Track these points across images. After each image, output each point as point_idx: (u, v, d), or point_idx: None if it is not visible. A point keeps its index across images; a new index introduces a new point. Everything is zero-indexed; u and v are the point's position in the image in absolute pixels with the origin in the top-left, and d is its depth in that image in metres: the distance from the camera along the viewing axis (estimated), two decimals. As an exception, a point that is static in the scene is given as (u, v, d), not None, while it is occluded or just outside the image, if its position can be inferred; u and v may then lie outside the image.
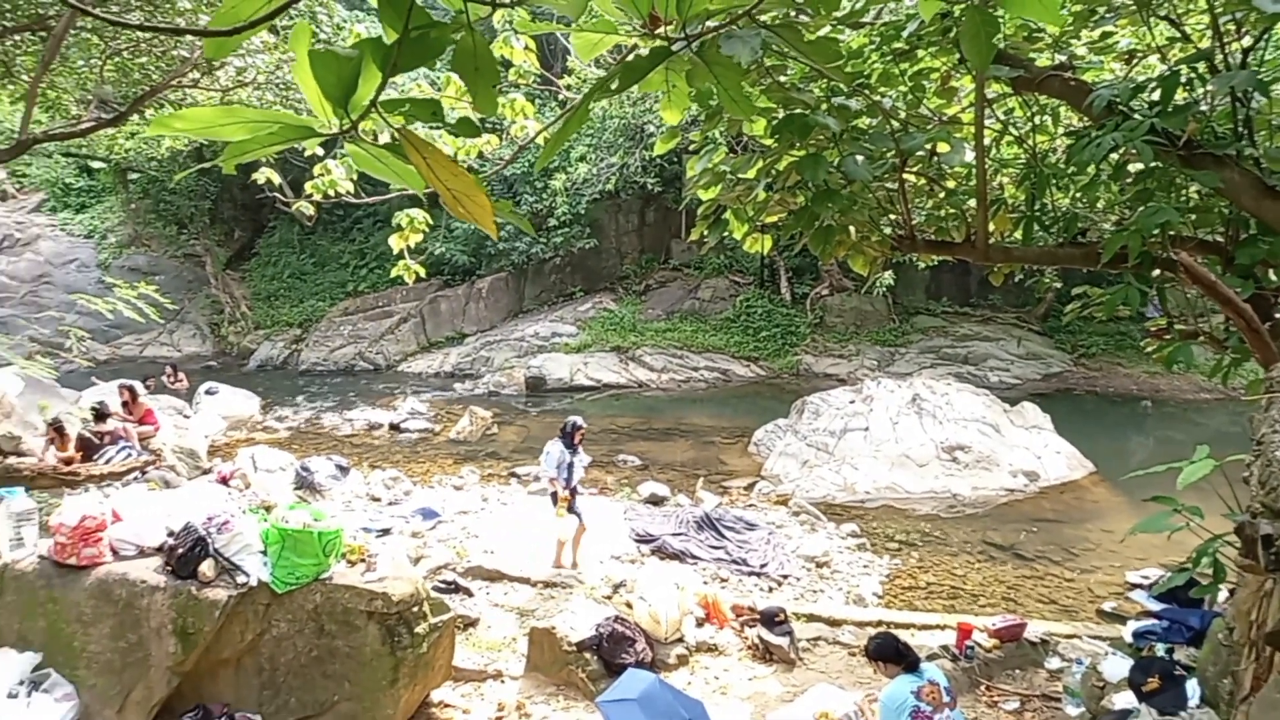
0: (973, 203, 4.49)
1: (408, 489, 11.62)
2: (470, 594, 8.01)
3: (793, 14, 2.35)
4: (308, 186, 5.52)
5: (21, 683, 4.72)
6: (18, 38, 10.51)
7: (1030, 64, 4.18)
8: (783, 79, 3.92)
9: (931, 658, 6.28)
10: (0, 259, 25.05)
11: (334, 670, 5.12)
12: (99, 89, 12.11)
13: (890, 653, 4.56)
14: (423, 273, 6.04)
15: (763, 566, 9.04)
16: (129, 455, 9.66)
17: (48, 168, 27.25)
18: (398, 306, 23.98)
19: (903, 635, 5.77)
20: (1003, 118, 4.82)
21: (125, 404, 11.20)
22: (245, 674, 5.17)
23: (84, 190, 27.79)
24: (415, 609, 5.30)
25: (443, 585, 7.93)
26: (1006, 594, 8.73)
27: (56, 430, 9.40)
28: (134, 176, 24.36)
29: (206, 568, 5.02)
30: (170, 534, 5.23)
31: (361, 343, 23.20)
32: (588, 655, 6.34)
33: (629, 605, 7.04)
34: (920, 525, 10.73)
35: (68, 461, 8.93)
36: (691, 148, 4.89)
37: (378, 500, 11.13)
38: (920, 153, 4.35)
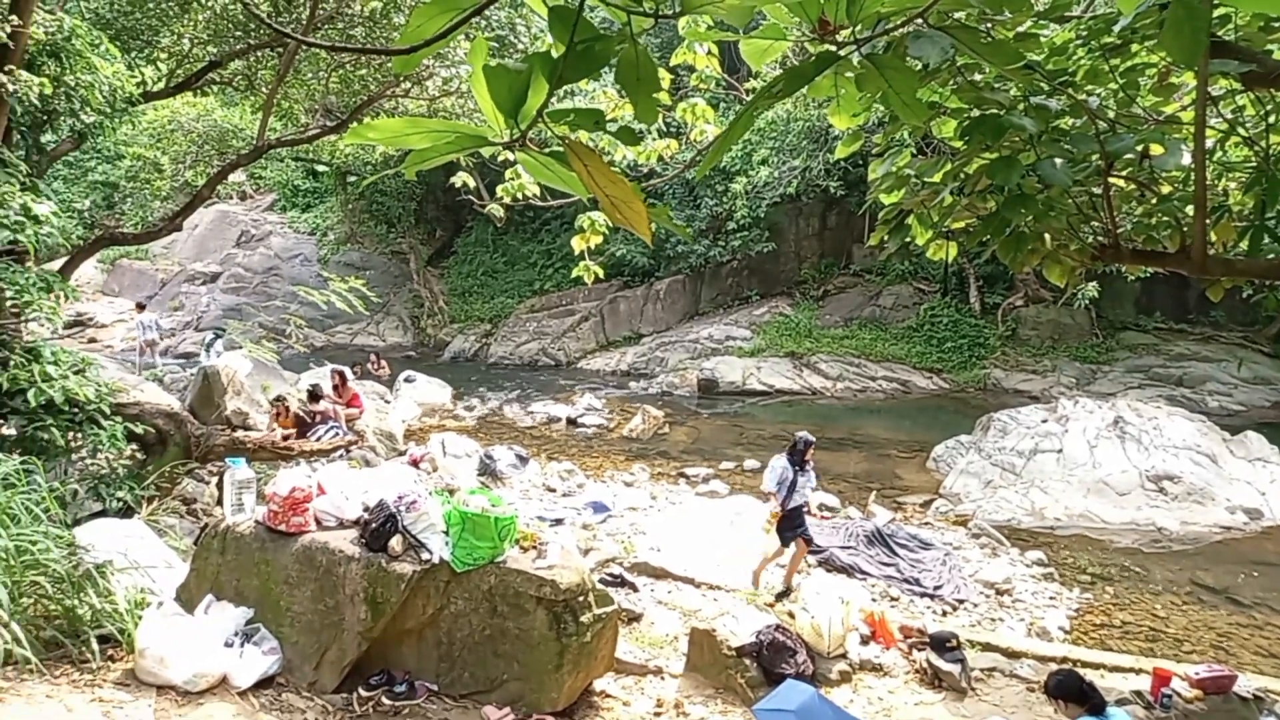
0: (1190, 209, 4.08)
1: (581, 482, 12.01)
2: (635, 589, 8.18)
3: (974, 14, 2.23)
4: (499, 189, 5.82)
5: (236, 634, 5.27)
6: (259, 53, 11.77)
7: (1265, 57, 3.75)
8: (976, 78, 3.73)
9: (1121, 702, 5.77)
10: (238, 252, 28.16)
11: (504, 650, 5.38)
12: (324, 99, 13.33)
13: (1073, 692, 4.24)
14: (602, 274, 6.21)
15: (937, 588, 8.64)
16: (336, 434, 10.55)
17: (280, 170, 30.28)
18: (579, 305, 24.79)
19: (1089, 675, 5.34)
20: (1230, 116, 4.34)
21: (336, 387, 12.25)
22: (425, 645, 5.53)
23: (309, 191, 30.71)
24: (581, 598, 5.47)
25: (609, 578, 8.15)
26: (1216, 641, 7.88)
27: (285, 406, 10.47)
28: (351, 179, 26.65)
29: (395, 543, 5.41)
30: (366, 509, 5.68)
31: (545, 339, 24.17)
32: (747, 661, 6.31)
33: (791, 615, 6.95)
34: (1118, 558, 9.88)
35: (285, 437, 9.91)
36: (875, 150, 4.74)
37: (552, 491, 11.59)
38: (1130, 155, 4.00)
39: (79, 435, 7.19)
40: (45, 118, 8.47)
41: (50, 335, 8.14)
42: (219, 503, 7.89)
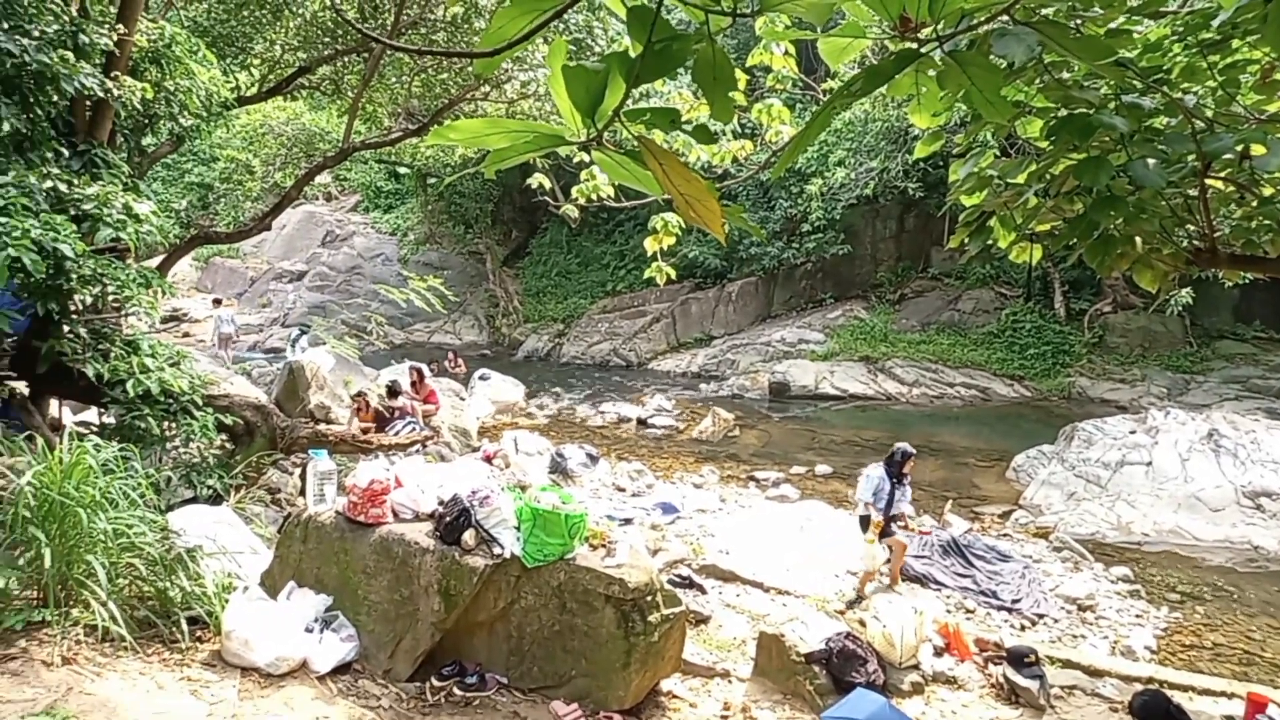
0: (1294, 212, 3.88)
1: (650, 482, 12.04)
2: (703, 591, 8.15)
3: (1062, 9, 2.16)
4: (574, 191, 5.89)
5: (316, 620, 5.45)
6: (346, 59, 12.15)
7: (1382, 50, 3.54)
8: (1064, 75, 3.62)
9: (1212, 729, 5.52)
10: (323, 251, 29.11)
11: (573, 646, 5.43)
12: (407, 103, 13.69)
13: (1159, 713, 4.08)
14: (674, 275, 6.22)
15: (1015, 602, 8.39)
16: (413, 429, 10.80)
17: (363, 173, 31.22)
18: (651, 307, 24.84)
19: (1177, 697, 5.12)
20: (1341, 113, 4.10)
21: (413, 383, 12.56)
22: (496, 638, 5.62)
23: (391, 193, 31.56)
24: (649, 598, 5.48)
25: (677, 579, 8.14)
26: (1318, 670, 7.46)
27: (365, 401, 10.80)
28: (431, 181, 27.31)
29: (469, 537, 5.51)
30: (440, 503, 5.81)
31: (616, 339, 24.29)
32: (816, 668, 6.23)
33: (862, 623, 6.83)
34: (1210, 577, 9.42)
35: (365, 431, 10.20)
36: (956, 151, 4.64)
37: (622, 490, 11.64)
38: (1229, 155, 3.82)
39: (173, 425, 7.52)
40: (146, 121, 8.90)
41: (148, 329, 8.55)
42: (301, 493, 8.16)
